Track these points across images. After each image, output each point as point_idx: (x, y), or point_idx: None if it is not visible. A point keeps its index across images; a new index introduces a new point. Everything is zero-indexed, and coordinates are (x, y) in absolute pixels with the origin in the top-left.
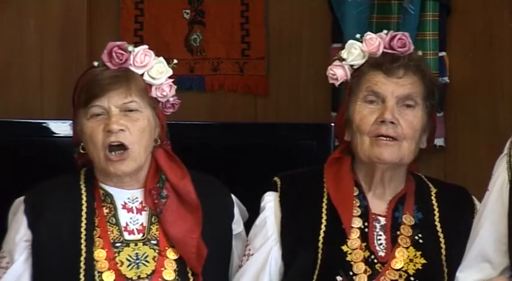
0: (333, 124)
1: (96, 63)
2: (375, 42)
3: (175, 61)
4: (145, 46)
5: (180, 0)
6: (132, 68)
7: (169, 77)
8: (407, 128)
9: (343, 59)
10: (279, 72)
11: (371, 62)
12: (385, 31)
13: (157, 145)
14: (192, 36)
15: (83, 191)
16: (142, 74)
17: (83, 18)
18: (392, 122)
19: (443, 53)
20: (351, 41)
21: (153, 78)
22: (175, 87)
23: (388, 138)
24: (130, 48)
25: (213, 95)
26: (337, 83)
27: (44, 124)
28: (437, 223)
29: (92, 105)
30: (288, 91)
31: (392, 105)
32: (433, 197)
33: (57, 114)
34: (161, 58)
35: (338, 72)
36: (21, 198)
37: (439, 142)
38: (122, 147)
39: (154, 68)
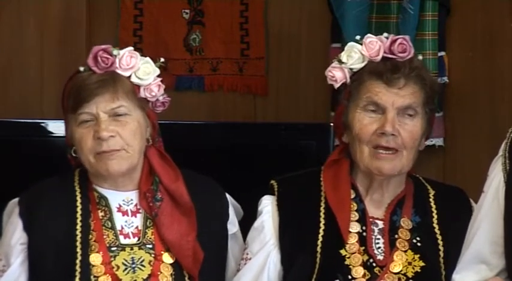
0: (332, 124)
1: (82, 68)
2: (375, 46)
3: (162, 60)
4: (131, 48)
5: (180, 0)
6: (119, 71)
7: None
8: (407, 138)
9: (343, 62)
10: (278, 72)
11: (371, 69)
12: (385, 34)
13: (149, 144)
14: (192, 36)
15: (78, 193)
16: (129, 76)
17: (82, 18)
18: (392, 134)
19: (442, 53)
20: (350, 44)
21: (141, 79)
22: (163, 86)
23: (387, 152)
24: (115, 51)
25: (212, 95)
26: (336, 85)
27: (43, 124)
28: (435, 225)
29: (81, 113)
30: (287, 91)
31: (393, 116)
32: (431, 200)
33: (56, 114)
34: (147, 58)
35: (337, 75)
36: (15, 200)
37: (438, 142)
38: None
39: (141, 69)
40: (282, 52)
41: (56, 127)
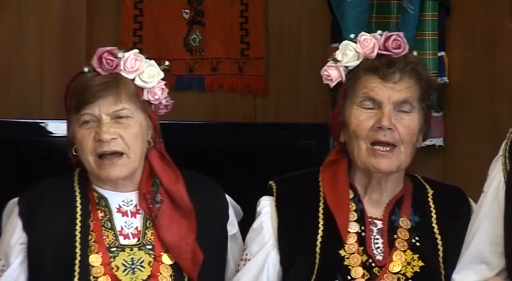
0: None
1: (86, 69)
2: (369, 43)
3: (166, 63)
4: (136, 50)
5: (180, 0)
6: (123, 73)
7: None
8: (404, 133)
9: (338, 61)
10: (278, 72)
11: (366, 65)
12: (379, 31)
13: (151, 146)
14: (192, 36)
15: (77, 193)
16: (133, 79)
17: (82, 18)
18: (389, 128)
19: (442, 53)
20: (345, 42)
21: (145, 82)
22: (167, 90)
23: (385, 149)
24: (120, 54)
25: (212, 95)
26: (332, 84)
27: (43, 124)
28: (434, 225)
29: (83, 113)
30: (287, 91)
31: (389, 111)
32: (429, 199)
33: (56, 114)
34: (152, 61)
35: (333, 74)
36: (15, 200)
37: (438, 142)
38: (115, 154)
39: (145, 72)
40: (282, 52)
41: (56, 127)
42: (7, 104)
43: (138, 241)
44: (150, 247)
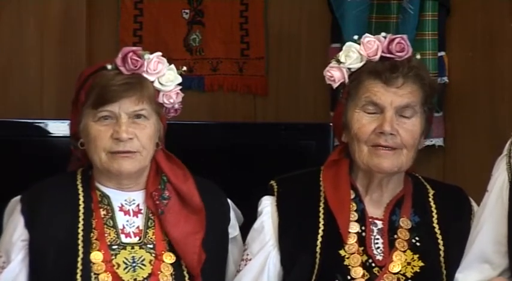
0: (331, 124)
1: (109, 67)
2: (373, 45)
3: (184, 68)
4: (159, 53)
5: (180, 0)
6: (145, 75)
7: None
8: (406, 138)
9: (341, 62)
10: (278, 72)
11: (370, 68)
12: (383, 34)
13: (159, 148)
14: (192, 36)
15: (80, 192)
16: (153, 81)
17: (82, 18)
18: (391, 134)
19: (442, 53)
20: (348, 44)
21: (163, 85)
22: (182, 95)
23: (387, 148)
24: (146, 55)
25: (212, 95)
26: (334, 85)
27: (43, 124)
28: (435, 225)
29: (102, 110)
30: (287, 91)
31: (391, 116)
32: (430, 199)
33: (56, 114)
34: (172, 66)
35: (335, 75)
36: (17, 198)
37: (438, 142)
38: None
39: (165, 76)
40: (282, 52)
41: (56, 127)
42: (7, 104)
43: (139, 239)
44: (151, 245)
